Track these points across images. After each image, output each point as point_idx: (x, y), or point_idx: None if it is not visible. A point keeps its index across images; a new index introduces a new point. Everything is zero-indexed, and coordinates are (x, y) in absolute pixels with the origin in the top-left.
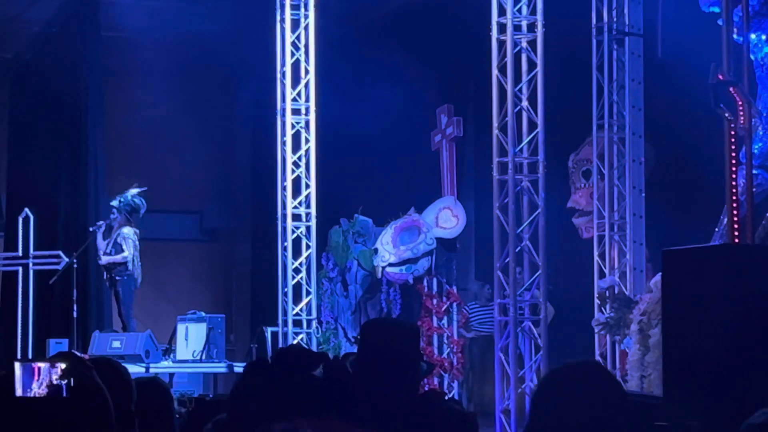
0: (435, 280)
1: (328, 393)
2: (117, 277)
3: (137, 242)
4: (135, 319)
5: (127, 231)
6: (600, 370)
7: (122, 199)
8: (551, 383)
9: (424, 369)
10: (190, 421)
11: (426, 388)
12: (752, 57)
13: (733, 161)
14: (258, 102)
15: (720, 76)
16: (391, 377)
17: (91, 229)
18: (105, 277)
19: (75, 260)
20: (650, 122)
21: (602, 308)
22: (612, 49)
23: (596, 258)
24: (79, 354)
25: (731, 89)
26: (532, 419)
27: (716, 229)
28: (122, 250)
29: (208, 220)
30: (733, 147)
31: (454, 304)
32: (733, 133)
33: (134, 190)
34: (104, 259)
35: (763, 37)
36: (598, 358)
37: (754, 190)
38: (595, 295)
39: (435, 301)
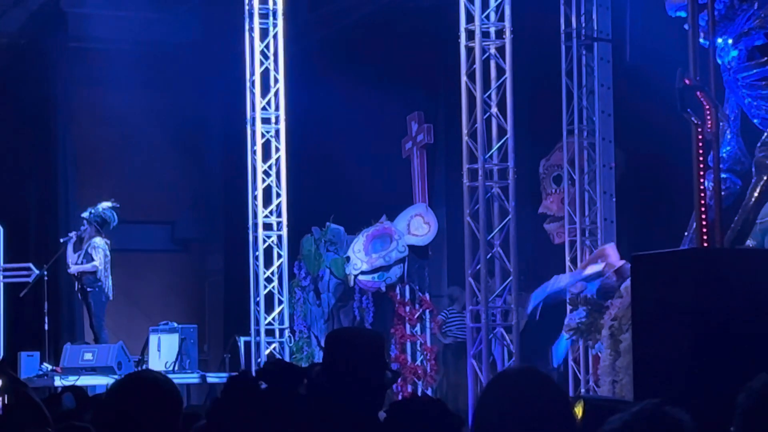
0: (407, 288)
1: (310, 413)
2: (88, 289)
3: (108, 253)
4: (107, 330)
5: (98, 241)
6: (538, 377)
7: (93, 211)
8: (491, 393)
9: (389, 378)
10: None
11: (399, 397)
12: (719, 61)
13: (701, 165)
14: (228, 111)
15: (687, 81)
16: (355, 387)
17: (61, 240)
18: (76, 288)
19: (46, 272)
20: (620, 127)
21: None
22: (581, 54)
23: (568, 263)
24: (51, 366)
25: (698, 93)
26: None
27: (686, 234)
28: (92, 260)
29: (180, 230)
30: (700, 151)
31: (427, 311)
32: (700, 137)
33: (107, 204)
34: (73, 268)
35: (730, 41)
36: (571, 363)
37: (722, 194)
38: (567, 300)
39: (408, 308)
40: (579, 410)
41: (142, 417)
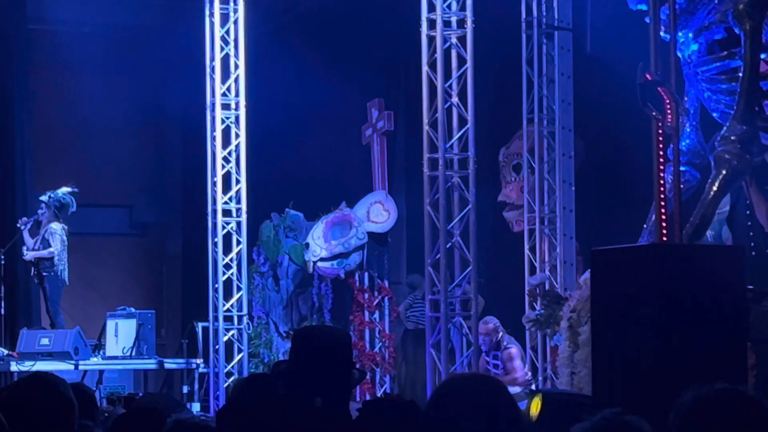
0: (366, 275)
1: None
2: (44, 273)
3: (65, 238)
4: (63, 315)
5: (56, 226)
6: (489, 384)
7: (52, 195)
8: (440, 399)
9: (356, 377)
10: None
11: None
12: (679, 54)
13: (661, 159)
14: (188, 96)
15: (648, 76)
16: (323, 386)
17: (18, 225)
18: (32, 273)
19: (2, 256)
20: (580, 116)
21: (533, 305)
22: (541, 43)
23: (527, 251)
24: (7, 351)
25: (659, 89)
26: None
27: (645, 226)
28: (49, 246)
29: (138, 214)
30: (660, 146)
31: (386, 299)
32: (660, 132)
33: (66, 189)
34: (29, 255)
35: (690, 34)
36: (529, 351)
37: (681, 187)
38: (526, 291)
39: (366, 295)
40: (537, 404)
41: (39, 418)
